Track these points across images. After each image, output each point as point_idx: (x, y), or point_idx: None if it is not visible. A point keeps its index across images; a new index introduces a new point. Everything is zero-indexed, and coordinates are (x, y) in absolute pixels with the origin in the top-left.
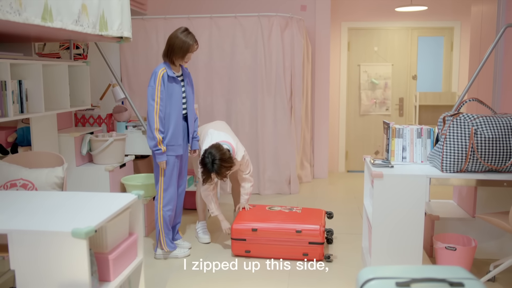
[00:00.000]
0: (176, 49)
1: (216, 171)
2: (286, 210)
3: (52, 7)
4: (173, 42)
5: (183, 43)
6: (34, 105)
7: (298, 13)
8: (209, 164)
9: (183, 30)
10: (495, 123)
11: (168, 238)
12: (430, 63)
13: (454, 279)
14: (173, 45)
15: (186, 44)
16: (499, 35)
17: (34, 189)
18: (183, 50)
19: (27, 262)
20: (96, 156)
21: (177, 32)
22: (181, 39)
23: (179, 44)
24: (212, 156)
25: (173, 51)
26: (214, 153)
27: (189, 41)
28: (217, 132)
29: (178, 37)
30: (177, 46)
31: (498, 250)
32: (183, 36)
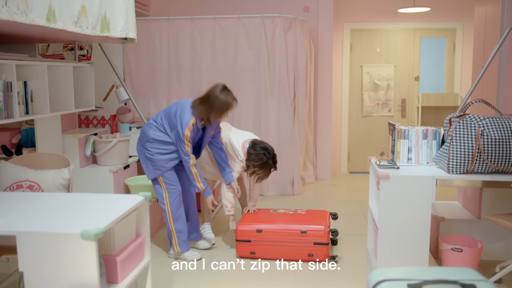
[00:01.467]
0: (216, 109)
1: (275, 164)
2: (290, 212)
3: (56, 8)
4: (213, 102)
5: (223, 103)
6: (39, 106)
7: (301, 14)
8: (271, 159)
9: (222, 89)
10: (501, 124)
11: (180, 239)
12: (432, 64)
13: (466, 280)
14: (212, 105)
15: (227, 104)
16: (504, 36)
17: (40, 190)
18: (223, 109)
19: (36, 264)
20: (100, 157)
21: (216, 91)
22: (222, 100)
23: (219, 105)
24: (268, 151)
25: (211, 111)
26: (268, 148)
27: (229, 100)
28: (240, 130)
29: (218, 97)
30: (217, 107)
31: (504, 251)
32: (223, 96)
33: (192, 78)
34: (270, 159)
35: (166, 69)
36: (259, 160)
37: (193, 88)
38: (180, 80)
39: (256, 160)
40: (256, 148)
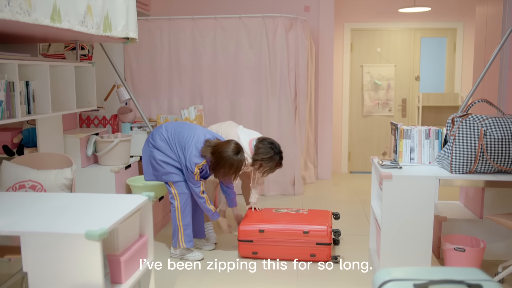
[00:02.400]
0: (226, 169)
1: (280, 161)
2: (292, 212)
3: (61, 7)
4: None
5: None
6: (41, 106)
7: (301, 14)
8: (277, 155)
9: (236, 152)
10: (504, 124)
11: (186, 234)
12: (433, 64)
13: (472, 280)
14: (223, 165)
15: (241, 165)
16: (506, 36)
17: (43, 190)
18: (237, 170)
19: (40, 264)
20: (101, 157)
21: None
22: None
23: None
24: (275, 146)
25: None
26: (276, 144)
27: (240, 161)
28: (247, 129)
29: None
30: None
31: (506, 251)
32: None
33: (193, 77)
34: (277, 154)
35: (167, 68)
36: (267, 154)
37: (194, 87)
38: (181, 79)
39: (265, 154)
40: (264, 142)
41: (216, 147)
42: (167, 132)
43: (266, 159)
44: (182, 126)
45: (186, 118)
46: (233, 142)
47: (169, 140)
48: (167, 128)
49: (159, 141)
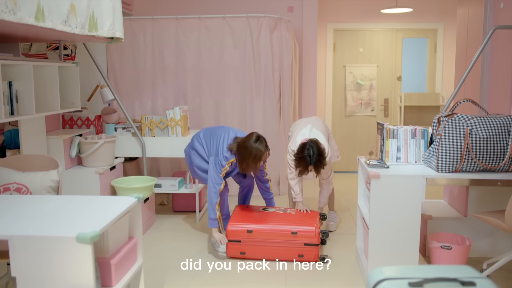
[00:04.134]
0: (248, 158)
1: (315, 164)
2: (280, 211)
3: (44, 6)
4: (247, 152)
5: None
6: (25, 107)
7: (285, 14)
8: (309, 157)
9: (256, 140)
10: (489, 124)
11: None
12: (414, 65)
13: (465, 278)
14: (247, 155)
15: (259, 154)
16: (488, 37)
17: (29, 193)
18: (256, 159)
19: (29, 269)
20: (85, 159)
21: (250, 142)
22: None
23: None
24: (313, 150)
25: (245, 160)
26: (315, 147)
27: (261, 150)
28: (315, 130)
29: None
30: (251, 157)
31: (491, 248)
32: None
33: (177, 78)
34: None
35: (151, 69)
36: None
37: (178, 88)
38: (165, 80)
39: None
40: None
41: (240, 140)
42: (204, 135)
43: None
44: (217, 128)
45: (171, 119)
46: (255, 133)
47: (204, 143)
48: (204, 132)
49: (197, 144)
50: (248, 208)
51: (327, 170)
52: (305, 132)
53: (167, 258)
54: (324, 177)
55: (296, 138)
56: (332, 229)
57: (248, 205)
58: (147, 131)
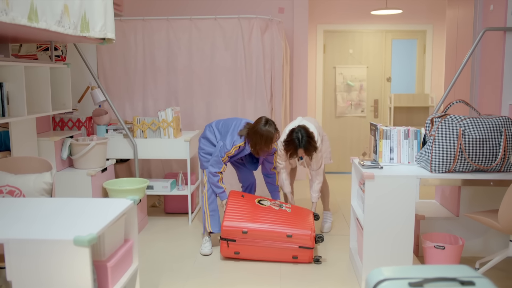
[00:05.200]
0: (260, 142)
1: (305, 146)
2: (276, 206)
3: (38, 7)
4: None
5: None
6: (16, 109)
7: (276, 15)
8: (297, 139)
9: (265, 123)
10: (481, 124)
11: (214, 219)
12: (403, 66)
13: (464, 278)
14: (257, 138)
15: (270, 137)
16: (478, 39)
17: (22, 195)
18: (267, 142)
19: (25, 273)
20: (77, 161)
21: (260, 126)
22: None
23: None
24: (301, 133)
25: (257, 143)
26: (303, 131)
27: (271, 132)
28: (305, 120)
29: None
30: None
31: (483, 247)
32: (265, 129)
33: (168, 79)
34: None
35: (142, 70)
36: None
37: (169, 89)
38: (156, 81)
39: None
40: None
41: (250, 125)
42: (216, 125)
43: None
44: (230, 119)
45: (163, 120)
46: (263, 117)
47: (216, 131)
48: (217, 122)
49: (207, 133)
50: (243, 199)
51: (317, 160)
52: (294, 123)
53: (160, 260)
54: (314, 167)
55: (285, 130)
56: (326, 231)
57: (243, 195)
58: (138, 132)
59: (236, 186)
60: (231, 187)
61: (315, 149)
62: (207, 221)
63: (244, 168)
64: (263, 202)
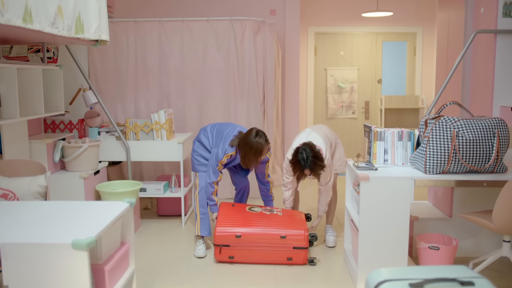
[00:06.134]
0: (249, 153)
1: (310, 167)
2: (267, 212)
3: (32, 8)
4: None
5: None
6: (8, 111)
7: (268, 17)
8: (303, 160)
9: (255, 135)
10: (475, 126)
11: (203, 222)
12: (394, 68)
13: (463, 278)
14: (247, 150)
15: (259, 150)
16: (469, 41)
17: (16, 199)
18: (257, 154)
19: (23, 277)
20: (69, 163)
21: (250, 137)
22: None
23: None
24: (306, 153)
25: (246, 155)
26: (308, 150)
27: (261, 144)
28: (314, 133)
29: (251, 143)
30: (251, 152)
31: (476, 248)
32: (256, 141)
33: (160, 81)
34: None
35: (134, 72)
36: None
37: (161, 91)
38: (148, 83)
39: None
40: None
41: (241, 136)
42: (211, 129)
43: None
44: (224, 124)
45: (156, 122)
46: (254, 128)
47: (210, 136)
48: (212, 126)
49: (202, 136)
50: (233, 207)
51: (326, 175)
52: (301, 137)
53: (155, 263)
54: (323, 182)
55: (292, 145)
56: (332, 245)
57: (233, 204)
58: (131, 134)
59: (230, 187)
60: (225, 189)
61: (322, 168)
62: (197, 224)
63: (237, 172)
64: (253, 209)
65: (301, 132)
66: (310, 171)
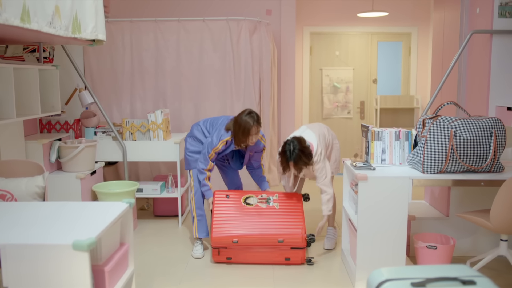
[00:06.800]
0: (239, 132)
1: (294, 159)
2: (263, 203)
3: (30, 7)
4: (237, 125)
5: (244, 126)
6: (5, 111)
7: (264, 17)
8: (288, 152)
9: (246, 113)
10: (472, 125)
11: (201, 223)
12: (389, 67)
13: (465, 277)
14: (237, 128)
15: (247, 127)
16: (466, 42)
17: (14, 199)
18: (245, 132)
19: (23, 278)
20: (66, 164)
21: (241, 115)
22: (242, 123)
23: (241, 128)
24: (294, 145)
25: (237, 134)
26: (296, 143)
27: (249, 123)
28: (309, 130)
29: (240, 120)
30: (240, 130)
31: (473, 247)
32: (244, 118)
33: (157, 81)
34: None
35: (130, 72)
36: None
37: (157, 91)
38: (144, 83)
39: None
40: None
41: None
42: (204, 123)
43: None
44: (218, 117)
45: (152, 122)
46: (247, 109)
47: (205, 129)
48: (204, 121)
49: (195, 131)
50: (228, 200)
51: (320, 172)
52: (295, 133)
53: (152, 264)
54: (319, 180)
55: None
56: (329, 248)
57: (227, 195)
58: (128, 135)
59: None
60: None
61: (306, 164)
62: (194, 226)
63: (229, 171)
64: (249, 200)
65: (297, 129)
66: (294, 165)
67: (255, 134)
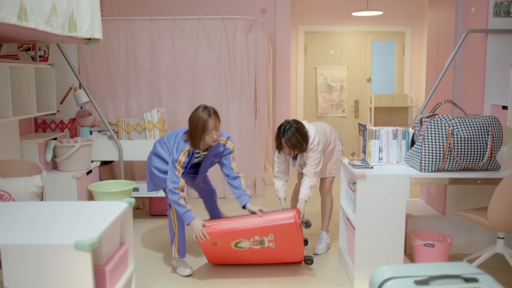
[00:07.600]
0: (194, 128)
1: (287, 138)
2: (257, 245)
3: (27, 6)
4: (191, 122)
5: (197, 121)
6: (1, 110)
7: (259, 16)
8: (283, 128)
9: (202, 109)
10: (469, 124)
11: (181, 243)
12: (383, 66)
13: (467, 274)
14: (191, 125)
15: (201, 121)
16: (461, 41)
17: (11, 199)
18: (199, 127)
19: (24, 279)
20: (61, 163)
21: (195, 111)
22: (195, 117)
23: (195, 123)
24: (290, 124)
25: (193, 135)
26: (293, 123)
27: (203, 116)
28: (309, 124)
29: (194, 115)
30: (194, 126)
31: (469, 244)
32: (198, 113)
33: (152, 80)
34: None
35: (124, 70)
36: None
37: (153, 90)
38: (139, 82)
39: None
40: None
41: None
42: (167, 138)
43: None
44: (180, 129)
45: (149, 121)
46: (202, 105)
47: (168, 144)
48: (167, 135)
49: (159, 149)
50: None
51: (314, 159)
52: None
53: (150, 263)
54: (308, 168)
55: None
56: (319, 252)
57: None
58: (124, 134)
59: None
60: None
61: (299, 144)
62: (175, 245)
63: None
64: (240, 244)
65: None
66: (285, 141)
67: (214, 129)
